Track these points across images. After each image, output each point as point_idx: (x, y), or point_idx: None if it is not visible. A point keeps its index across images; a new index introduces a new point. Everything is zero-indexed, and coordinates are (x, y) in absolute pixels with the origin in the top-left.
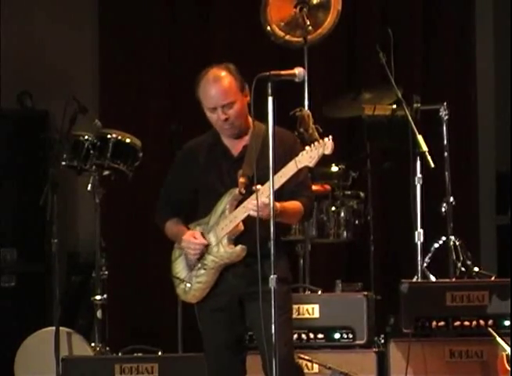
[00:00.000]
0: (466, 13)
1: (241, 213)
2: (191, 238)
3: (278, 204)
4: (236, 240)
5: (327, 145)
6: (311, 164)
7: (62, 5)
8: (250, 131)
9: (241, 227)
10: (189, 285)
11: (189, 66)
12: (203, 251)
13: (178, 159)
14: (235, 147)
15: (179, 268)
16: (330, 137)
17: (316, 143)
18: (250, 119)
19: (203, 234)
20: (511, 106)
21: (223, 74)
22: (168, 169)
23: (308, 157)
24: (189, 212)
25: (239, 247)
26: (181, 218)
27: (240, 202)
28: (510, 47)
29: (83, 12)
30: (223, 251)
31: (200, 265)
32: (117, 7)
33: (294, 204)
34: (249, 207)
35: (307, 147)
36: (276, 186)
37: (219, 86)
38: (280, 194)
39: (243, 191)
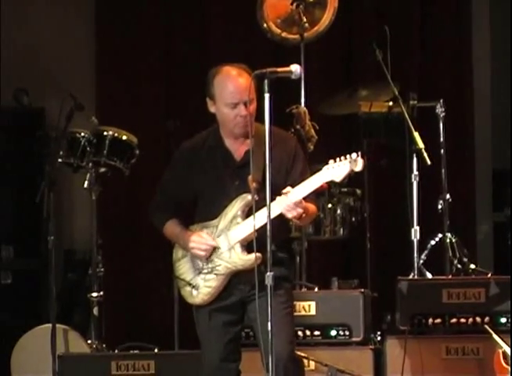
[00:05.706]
0: (463, 11)
1: (256, 221)
2: (201, 239)
3: (304, 204)
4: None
5: (357, 162)
6: (337, 180)
7: (58, 3)
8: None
9: (255, 234)
10: (196, 290)
11: (186, 64)
12: (211, 252)
13: (177, 158)
14: (237, 151)
15: (184, 269)
16: (359, 153)
17: (343, 158)
18: None
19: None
20: (511, 104)
21: (242, 70)
22: (165, 168)
23: (335, 172)
24: (186, 216)
25: (254, 255)
26: (180, 218)
27: (251, 208)
28: (508, 44)
29: (79, 9)
30: (237, 257)
31: (209, 269)
32: (113, 5)
33: (311, 206)
34: (283, 207)
35: (331, 161)
36: (298, 199)
37: (243, 81)
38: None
39: (257, 198)
